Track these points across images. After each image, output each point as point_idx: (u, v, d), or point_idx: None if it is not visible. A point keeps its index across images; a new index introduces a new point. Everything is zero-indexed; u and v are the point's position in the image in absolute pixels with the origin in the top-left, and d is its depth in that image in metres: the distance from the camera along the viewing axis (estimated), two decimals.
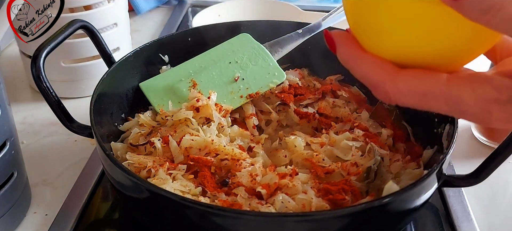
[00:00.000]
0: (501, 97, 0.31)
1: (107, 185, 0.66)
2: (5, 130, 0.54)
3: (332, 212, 0.47)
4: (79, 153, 0.71)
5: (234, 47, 0.71)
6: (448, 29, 0.32)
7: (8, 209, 0.56)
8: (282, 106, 0.68)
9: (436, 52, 0.34)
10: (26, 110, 0.82)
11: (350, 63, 0.36)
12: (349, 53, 0.36)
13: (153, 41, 0.73)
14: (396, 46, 0.34)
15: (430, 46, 0.33)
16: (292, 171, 0.54)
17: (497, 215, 0.62)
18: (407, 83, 0.33)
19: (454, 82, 0.32)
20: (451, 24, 0.31)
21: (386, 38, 0.34)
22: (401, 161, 0.57)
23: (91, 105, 0.58)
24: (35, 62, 0.55)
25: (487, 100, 0.31)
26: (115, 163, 0.49)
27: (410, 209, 0.50)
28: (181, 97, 0.66)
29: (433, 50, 0.33)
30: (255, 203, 0.51)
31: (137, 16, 1.18)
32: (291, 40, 0.72)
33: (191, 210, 0.46)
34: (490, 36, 0.33)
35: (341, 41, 0.37)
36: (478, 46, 0.34)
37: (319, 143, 0.60)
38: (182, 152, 0.57)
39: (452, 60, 0.34)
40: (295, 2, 1.12)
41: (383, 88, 0.34)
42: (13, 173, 0.56)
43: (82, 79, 0.84)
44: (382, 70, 0.34)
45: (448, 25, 0.32)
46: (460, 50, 0.34)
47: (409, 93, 0.33)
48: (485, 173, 0.51)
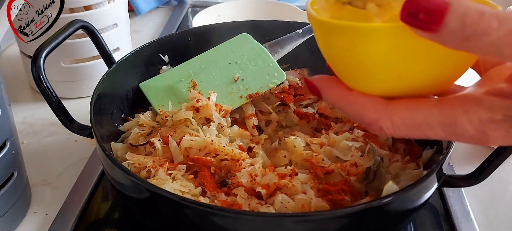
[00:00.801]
0: (495, 117, 0.30)
1: (107, 185, 0.66)
2: (5, 130, 0.54)
3: (331, 213, 0.47)
4: (79, 153, 0.71)
5: (234, 47, 0.71)
6: (435, 58, 0.32)
7: (8, 209, 0.56)
8: (282, 107, 0.68)
9: (424, 80, 0.34)
10: (26, 110, 0.82)
11: (338, 106, 0.37)
12: (335, 97, 0.36)
13: (153, 41, 0.73)
14: (383, 82, 0.34)
15: (418, 76, 0.33)
16: (291, 171, 0.54)
17: (497, 215, 0.62)
18: (401, 117, 0.33)
19: (447, 107, 0.32)
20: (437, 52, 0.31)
21: (372, 76, 0.34)
22: (400, 162, 0.57)
23: (91, 105, 0.58)
24: (35, 62, 0.55)
25: (482, 122, 0.31)
26: (115, 163, 0.50)
27: (409, 209, 0.50)
28: (181, 97, 0.66)
29: (421, 78, 0.33)
30: (255, 203, 0.51)
31: (137, 17, 1.18)
32: (291, 40, 0.72)
33: (191, 210, 0.46)
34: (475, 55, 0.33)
35: (325, 87, 0.37)
36: (464, 66, 0.34)
37: (319, 143, 0.60)
38: (182, 152, 0.57)
39: (440, 83, 0.34)
40: (295, 2, 1.12)
41: (377, 126, 0.34)
42: (13, 173, 0.56)
43: (82, 79, 0.84)
44: (373, 108, 0.34)
45: (434, 54, 0.32)
46: (448, 73, 0.34)
47: (404, 126, 0.33)
48: (485, 173, 0.51)
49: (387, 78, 0.34)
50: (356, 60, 0.34)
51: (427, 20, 0.28)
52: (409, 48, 0.32)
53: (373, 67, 0.33)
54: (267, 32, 0.74)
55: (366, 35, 0.32)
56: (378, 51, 0.32)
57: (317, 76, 0.38)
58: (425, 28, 0.29)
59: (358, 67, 0.34)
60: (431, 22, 0.28)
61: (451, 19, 0.28)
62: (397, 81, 0.34)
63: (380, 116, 0.34)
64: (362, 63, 0.34)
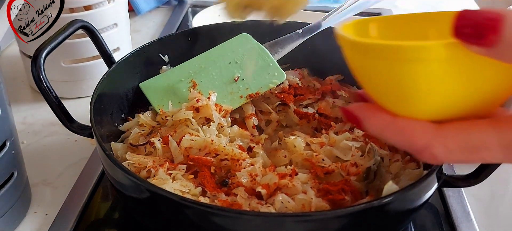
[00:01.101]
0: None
1: (107, 185, 0.66)
2: (5, 129, 0.54)
3: (331, 212, 0.47)
4: (79, 153, 0.71)
5: (234, 47, 0.71)
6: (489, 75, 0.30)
7: (8, 209, 0.56)
8: (282, 107, 0.68)
9: (476, 100, 0.31)
10: (26, 110, 0.82)
11: (383, 135, 0.34)
12: (379, 125, 0.34)
13: (153, 41, 0.73)
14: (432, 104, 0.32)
15: (470, 97, 0.31)
16: (291, 171, 0.54)
17: (497, 215, 0.62)
18: (455, 141, 0.31)
19: (505, 128, 0.30)
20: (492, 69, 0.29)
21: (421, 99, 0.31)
22: (400, 161, 0.57)
23: (91, 105, 0.58)
24: (35, 62, 0.55)
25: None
26: (115, 163, 0.50)
27: (410, 209, 0.50)
28: (181, 97, 0.66)
29: (473, 99, 0.31)
30: (255, 203, 0.51)
31: (137, 17, 1.18)
32: (291, 40, 0.72)
33: (191, 210, 0.46)
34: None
35: (367, 115, 0.34)
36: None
37: (319, 143, 0.60)
38: (182, 152, 0.57)
39: (492, 102, 0.32)
40: None
41: (429, 152, 0.31)
42: (13, 173, 0.56)
43: (82, 79, 0.84)
44: (423, 133, 0.32)
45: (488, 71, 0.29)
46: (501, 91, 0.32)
47: (459, 150, 0.31)
48: (485, 173, 0.51)
49: (437, 101, 0.31)
50: (403, 83, 0.31)
51: (481, 35, 0.27)
52: (462, 67, 0.29)
53: (422, 90, 0.31)
54: (267, 32, 0.74)
55: (416, 54, 0.29)
56: (428, 72, 0.30)
57: (355, 105, 0.35)
58: (480, 44, 0.27)
59: (405, 90, 0.32)
60: (486, 36, 0.27)
61: (508, 32, 0.26)
62: (447, 103, 0.31)
63: (431, 141, 0.31)
64: (409, 86, 0.31)
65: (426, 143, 0.31)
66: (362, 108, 0.35)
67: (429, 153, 0.31)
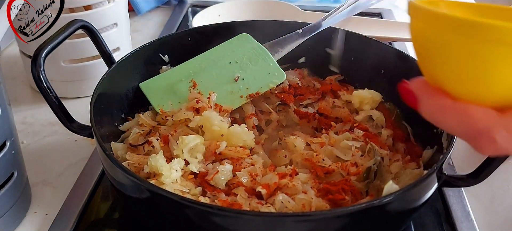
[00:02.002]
0: None
1: (107, 185, 0.66)
2: (5, 129, 0.54)
3: (332, 212, 0.47)
4: (79, 153, 0.71)
5: (234, 47, 0.71)
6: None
7: (8, 209, 0.56)
8: (282, 107, 0.69)
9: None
10: (26, 110, 0.82)
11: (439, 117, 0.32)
12: (438, 106, 0.32)
13: (153, 41, 0.73)
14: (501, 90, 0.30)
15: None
16: (292, 171, 0.54)
17: (497, 215, 0.62)
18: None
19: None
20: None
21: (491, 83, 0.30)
22: (401, 161, 0.57)
23: (91, 105, 0.58)
24: (35, 62, 0.55)
25: None
26: (115, 163, 0.50)
27: (410, 209, 0.50)
28: (181, 97, 0.66)
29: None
30: (255, 203, 0.51)
31: (137, 16, 1.18)
32: (291, 40, 0.72)
33: (191, 210, 0.46)
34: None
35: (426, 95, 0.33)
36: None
37: (319, 143, 0.60)
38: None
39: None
40: (295, 2, 1.12)
41: (490, 136, 0.30)
42: (13, 173, 0.56)
43: (82, 79, 0.84)
44: (484, 116, 0.30)
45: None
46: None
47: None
48: (485, 173, 0.51)
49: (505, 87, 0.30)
50: (477, 63, 0.30)
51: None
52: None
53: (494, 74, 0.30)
54: (267, 32, 0.74)
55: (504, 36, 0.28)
56: (506, 56, 0.28)
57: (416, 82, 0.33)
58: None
59: (475, 72, 0.30)
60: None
61: None
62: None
63: (494, 125, 0.30)
64: (481, 68, 0.30)
65: (488, 125, 0.30)
66: (422, 87, 0.33)
67: (489, 138, 0.30)
